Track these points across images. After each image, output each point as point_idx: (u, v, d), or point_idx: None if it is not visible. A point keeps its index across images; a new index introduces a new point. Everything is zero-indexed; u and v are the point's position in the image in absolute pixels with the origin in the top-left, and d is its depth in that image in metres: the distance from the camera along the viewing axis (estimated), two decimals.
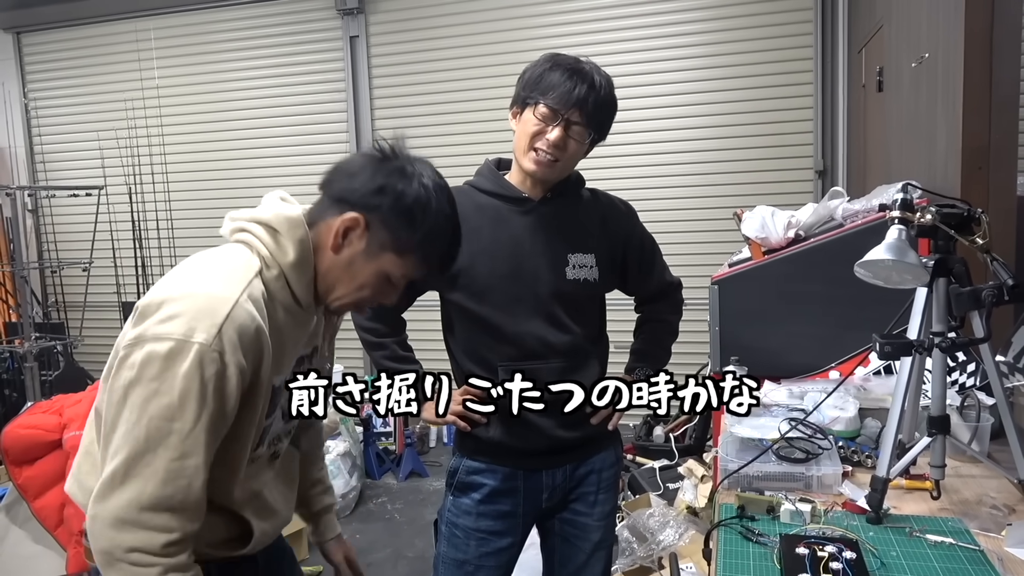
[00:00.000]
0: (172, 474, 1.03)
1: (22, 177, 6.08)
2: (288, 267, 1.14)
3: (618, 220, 1.69)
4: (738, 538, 1.36)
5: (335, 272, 1.18)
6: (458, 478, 1.67)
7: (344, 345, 5.49)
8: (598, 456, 1.69)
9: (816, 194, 4.46)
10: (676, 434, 4.10)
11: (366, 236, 1.15)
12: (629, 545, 2.74)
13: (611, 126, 1.59)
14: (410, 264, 1.19)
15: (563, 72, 1.50)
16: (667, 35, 4.75)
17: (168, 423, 1.02)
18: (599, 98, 1.51)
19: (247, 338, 1.06)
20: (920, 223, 1.36)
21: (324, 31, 5.38)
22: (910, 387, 1.46)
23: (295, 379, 1.24)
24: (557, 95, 1.49)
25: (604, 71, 1.56)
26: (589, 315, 1.66)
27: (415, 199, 1.16)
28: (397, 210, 1.15)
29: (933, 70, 2.50)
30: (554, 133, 1.50)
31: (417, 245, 1.17)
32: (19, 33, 6.01)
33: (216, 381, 1.03)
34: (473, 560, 1.64)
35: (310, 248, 1.16)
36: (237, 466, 1.17)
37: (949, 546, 1.29)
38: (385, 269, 1.18)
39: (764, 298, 2.43)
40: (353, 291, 1.20)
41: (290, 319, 1.18)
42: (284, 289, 1.15)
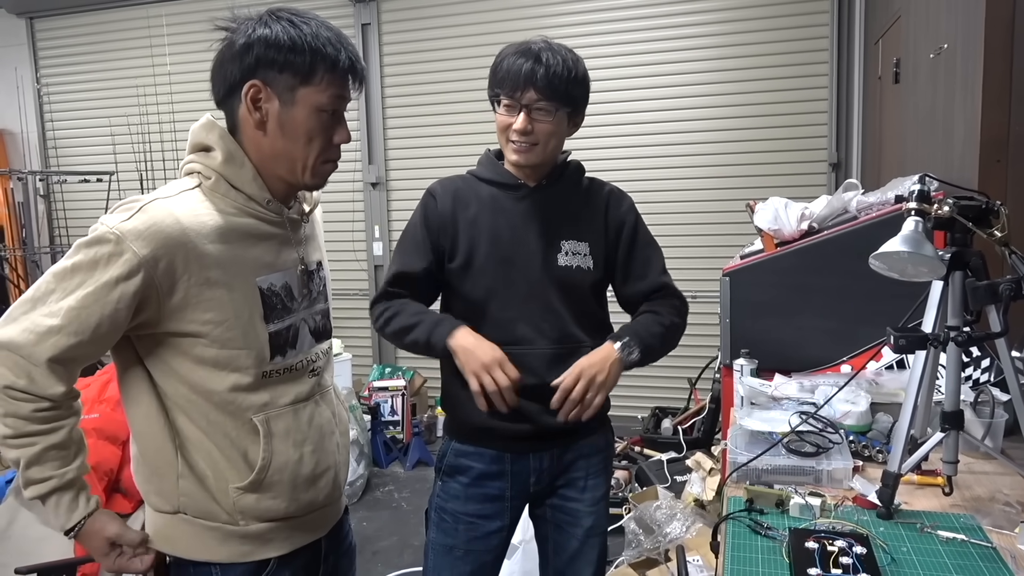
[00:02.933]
0: (34, 324, 1.10)
1: (34, 162, 6.11)
2: (221, 167, 1.20)
3: (616, 208, 1.67)
4: (746, 531, 1.35)
5: (277, 146, 1.21)
6: (446, 461, 1.68)
7: (353, 335, 5.51)
8: (585, 441, 1.68)
9: (830, 187, 4.42)
10: (684, 427, 4.10)
11: (270, 92, 1.18)
12: (636, 537, 2.73)
13: (583, 94, 1.58)
14: (324, 81, 1.19)
15: (510, 59, 1.53)
16: (682, 25, 4.71)
17: (56, 282, 1.12)
18: (551, 71, 1.50)
19: (161, 232, 1.11)
20: (937, 215, 1.34)
21: (336, 19, 5.33)
22: (924, 382, 1.44)
23: (307, 295, 1.32)
24: (509, 84, 1.52)
25: (560, 45, 1.55)
26: (583, 304, 1.63)
27: (280, 30, 1.17)
28: (275, 49, 1.16)
29: (952, 61, 2.46)
30: (518, 121, 1.53)
31: (313, 60, 1.17)
32: (32, 18, 6.02)
33: (107, 260, 1.10)
34: (462, 545, 1.64)
35: (233, 141, 1.21)
36: (223, 364, 1.19)
37: (961, 542, 1.28)
38: (310, 104, 1.19)
39: (776, 290, 2.41)
40: (304, 147, 1.21)
41: (253, 221, 1.23)
42: (230, 191, 1.21)
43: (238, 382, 1.21)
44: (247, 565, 1.26)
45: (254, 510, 1.24)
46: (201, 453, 1.22)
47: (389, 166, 5.42)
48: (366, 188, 5.45)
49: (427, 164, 5.20)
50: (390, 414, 4.61)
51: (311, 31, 1.17)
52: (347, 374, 4.63)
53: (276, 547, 1.28)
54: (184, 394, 1.21)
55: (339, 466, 1.37)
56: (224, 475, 1.22)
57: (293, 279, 1.29)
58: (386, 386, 4.65)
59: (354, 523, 1.62)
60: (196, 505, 1.23)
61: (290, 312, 1.28)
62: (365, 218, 5.50)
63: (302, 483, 1.28)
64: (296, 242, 1.31)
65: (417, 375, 5.15)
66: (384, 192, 5.45)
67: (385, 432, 4.50)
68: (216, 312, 1.17)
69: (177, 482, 1.23)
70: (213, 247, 1.16)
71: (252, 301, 1.21)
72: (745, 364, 2.27)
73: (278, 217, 1.27)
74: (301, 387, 1.30)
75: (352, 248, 5.54)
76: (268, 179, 1.24)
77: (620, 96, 4.76)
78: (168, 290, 1.14)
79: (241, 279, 1.20)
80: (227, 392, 1.21)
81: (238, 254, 1.20)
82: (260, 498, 1.24)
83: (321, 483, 1.32)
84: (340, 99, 1.22)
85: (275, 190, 1.26)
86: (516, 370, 1.48)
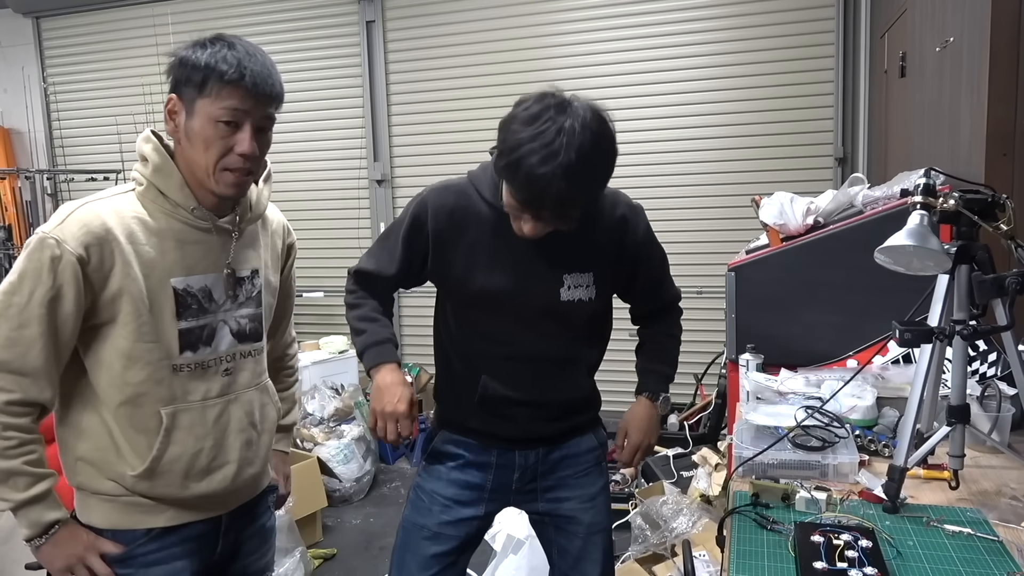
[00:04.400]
0: (10, 341, 1.23)
1: (41, 160, 6.13)
2: (151, 176, 1.32)
3: (633, 234, 1.58)
4: (752, 525, 1.35)
5: (188, 155, 1.31)
6: (433, 445, 1.69)
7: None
8: (573, 441, 1.67)
9: (836, 181, 4.40)
10: (691, 422, 4.09)
11: (181, 104, 1.29)
12: (642, 532, 2.74)
13: (607, 183, 1.47)
14: (214, 92, 1.26)
15: (525, 160, 1.29)
16: (687, 20, 4.69)
17: (9, 297, 1.24)
18: (573, 195, 1.32)
19: (89, 232, 1.24)
20: (943, 208, 1.34)
21: (341, 16, 5.37)
22: (930, 375, 1.44)
23: (232, 299, 1.41)
24: (522, 196, 1.35)
25: (583, 132, 1.30)
26: (580, 329, 1.61)
27: (190, 51, 1.28)
28: (182, 66, 1.28)
29: (958, 55, 2.45)
30: (527, 226, 1.41)
31: (206, 74, 1.26)
32: (38, 18, 6.04)
33: (51, 264, 1.22)
34: (432, 526, 1.63)
35: (164, 153, 1.33)
36: (136, 357, 1.30)
37: (967, 536, 1.28)
38: (205, 114, 1.27)
39: (782, 285, 2.41)
40: (203, 154, 1.29)
41: (179, 225, 1.33)
42: (159, 197, 1.32)
43: (151, 375, 1.32)
44: (135, 531, 1.37)
45: (149, 491, 1.35)
46: (99, 440, 1.34)
47: (394, 163, 5.43)
48: (371, 185, 5.46)
49: (432, 161, 5.20)
50: None
51: (213, 51, 1.27)
52: (353, 371, 4.64)
53: (165, 518, 1.38)
54: (104, 387, 1.32)
55: (244, 462, 1.44)
56: (118, 462, 1.34)
57: (217, 283, 1.39)
58: None
59: (360, 519, 1.64)
60: (90, 483, 1.36)
61: (207, 312, 1.38)
62: (370, 215, 5.51)
63: (196, 474, 1.38)
64: (225, 249, 1.39)
65: (423, 372, 5.15)
66: (389, 189, 5.45)
67: None
68: (132, 305, 1.29)
69: (75, 463, 1.36)
70: (133, 246, 1.28)
71: (165, 298, 1.32)
72: (751, 359, 2.27)
73: (206, 224, 1.36)
74: (212, 384, 1.39)
75: (357, 245, 5.55)
76: (197, 187, 1.34)
77: (625, 92, 4.75)
78: (101, 283, 1.27)
79: (157, 278, 1.31)
80: (141, 383, 1.32)
81: (157, 255, 1.31)
82: (153, 485, 1.35)
83: (217, 476, 1.41)
84: (235, 111, 1.28)
85: (204, 198, 1.35)
86: (410, 427, 1.49)
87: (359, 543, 3.42)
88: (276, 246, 1.54)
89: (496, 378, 1.58)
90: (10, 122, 6.23)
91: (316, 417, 3.96)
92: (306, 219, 5.59)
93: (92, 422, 1.34)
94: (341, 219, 5.55)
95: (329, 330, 5.06)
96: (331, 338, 4.66)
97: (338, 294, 5.65)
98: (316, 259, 5.62)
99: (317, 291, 5.37)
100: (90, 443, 1.34)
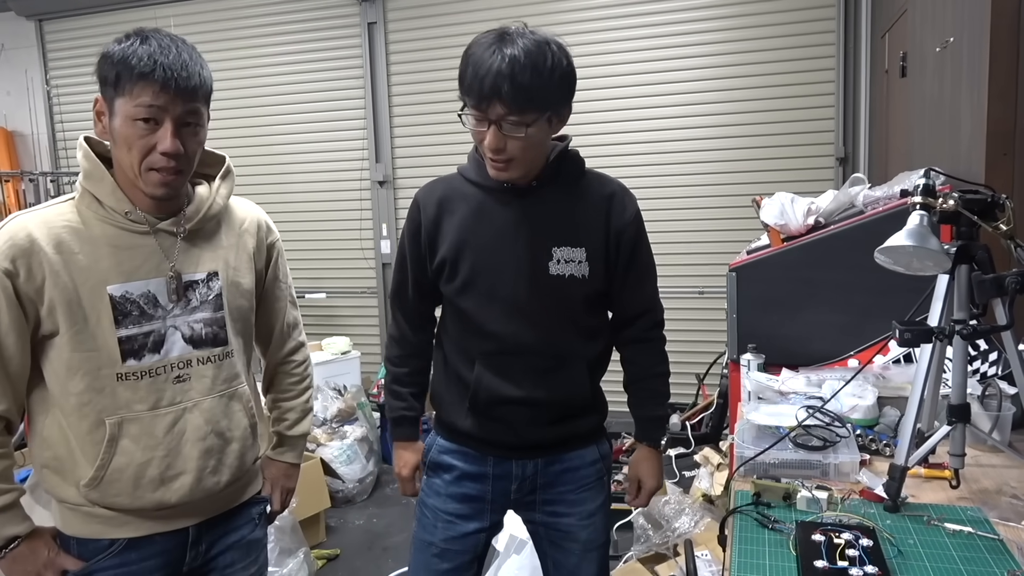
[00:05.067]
0: None
1: (44, 163, 6.15)
2: (84, 182, 1.31)
3: (620, 214, 1.53)
4: (754, 525, 1.36)
5: (116, 156, 1.29)
6: (431, 456, 1.67)
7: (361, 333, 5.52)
8: (575, 453, 1.62)
9: (837, 181, 4.41)
10: (692, 422, 4.10)
11: (103, 104, 1.27)
12: (644, 532, 2.74)
13: (563, 93, 1.40)
14: (130, 91, 1.23)
15: (473, 63, 1.34)
16: (688, 20, 4.70)
17: None
18: (517, 81, 1.30)
19: (14, 246, 1.23)
20: (942, 209, 1.34)
21: (342, 17, 5.38)
22: (930, 375, 1.44)
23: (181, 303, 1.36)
24: (474, 93, 1.34)
25: (536, 38, 1.34)
26: (576, 313, 1.55)
27: (111, 47, 1.27)
28: (101, 64, 1.26)
29: (958, 55, 2.46)
30: (488, 137, 1.37)
31: (120, 71, 1.23)
32: (41, 20, 6.06)
33: None
34: (439, 543, 1.62)
35: (95, 159, 1.31)
36: (76, 367, 1.28)
37: (968, 535, 1.28)
38: (123, 113, 1.24)
39: (783, 286, 2.42)
40: (127, 155, 1.26)
41: (116, 231, 1.30)
42: (93, 203, 1.30)
43: (91, 384, 1.29)
44: (99, 542, 1.35)
45: (101, 500, 1.33)
46: (58, 449, 1.33)
47: (396, 164, 5.44)
48: (373, 186, 5.47)
49: (434, 162, 5.20)
50: None
51: (128, 45, 1.24)
52: (355, 371, 4.65)
53: (128, 530, 1.36)
54: (56, 395, 1.31)
55: (205, 471, 1.38)
56: (75, 470, 1.32)
57: (160, 287, 1.33)
58: None
59: (364, 519, 1.65)
60: (54, 490, 1.35)
61: (152, 319, 1.33)
62: (372, 216, 5.52)
63: (147, 484, 1.33)
64: (169, 252, 1.35)
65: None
66: (391, 190, 5.46)
67: None
68: (67, 315, 1.26)
69: (40, 470, 1.36)
70: (62, 256, 1.26)
71: (102, 307, 1.28)
72: (752, 359, 2.28)
73: (143, 227, 1.32)
74: (162, 393, 1.34)
75: (360, 247, 5.56)
76: (132, 190, 1.31)
77: (625, 92, 4.77)
78: (37, 294, 1.25)
79: (91, 285, 1.27)
80: (83, 393, 1.29)
81: (91, 262, 1.28)
82: (103, 494, 1.32)
83: (174, 485, 1.35)
84: (152, 108, 1.23)
85: (141, 201, 1.32)
86: (411, 487, 1.76)
87: (362, 543, 3.43)
88: (247, 246, 1.47)
89: (489, 369, 1.54)
90: (13, 125, 6.25)
91: (319, 418, 3.97)
92: (308, 220, 5.61)
93: (52, 430, 1.33)
94: (343, 220, 5.56)
95: (332, 331, 5.07)
96: (334, 339, 4.67)
97: (340, 295, 5.69)
98: (318, 260, 5.64)
99: (319, 292, 5.39)
100: (51, 451, 1.33)
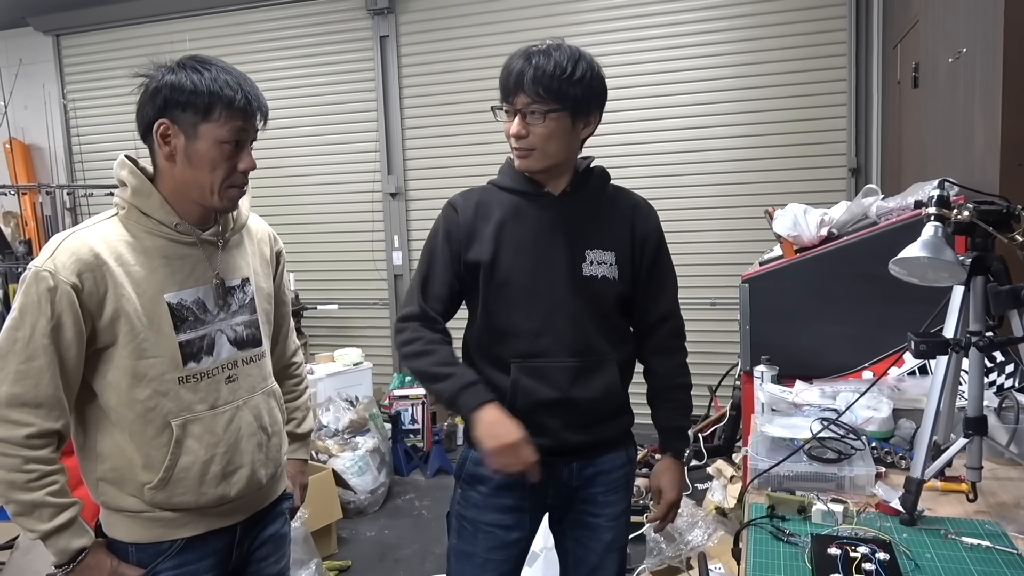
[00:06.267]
0: (21, 375, 1.27)
1: (61, 176, 6.23)
2: (132, 197, 1.36)
3: (644, 222, 1.64)
4: (768, 538, 1.35)
5: (186, 175, 1.36)
6: (466, 470, 1.68)
7: (373, 344, 5.54)
8: (607, 456, 1.66)
9: (850, 192, 4.40)
10: (705, 434, 4.08)
11: (177, 128, 1.33)
12: (657, 545, 2.72)
13: (585, 94, 1.51)
14: (222, 117, 1.32)
15: (506, 66, 1.53)
16: (700, 31, 4.72)
17: (14, 332, 1.28)
18: (539, 72, 1.47)
19: (80, 260, 1.29)
20: (957, 220, 1.34)
21: (355, 31, 5.43)
22: (946, 387, 1.43)
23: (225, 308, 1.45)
24: (504, 89, 1.53)
25: (565, 46, 1.51)
26: (608, 315, 1.61)
27: (184, 76, 1.32)
28: (179, 91, 1.31)
29: (971, 65, 2.45)
30: (512, 126, 1.52)
31: (209, 99, 1.31)
32: (58, 36, 6.15)
33: (49, 295, 1.27)
34: (481, 553, 1.64)
35: (140, 175, 1.37)
36: (141, 374, 1.34)
37: (986, 549, 1.27)
38: (211, 137, 1.33)
39: (796, 297, 2.41)
40: (209, 174, 1.35)
41: (165, 242, 1.38)
42: (141, 217, 1.37)
43: (157, 389, 1.36)
44: (159, 545, 1.41)
45: (166, 503, 1.39)
46: (116, 460, 1.38)
47: (408, 176, 5.46)
48: (385, 198, 5.50)
49: (446, 174, 5.23)
50: (410, 422, 4.63)
51: (211, 76, 1.32)
52: (367, 383, 4.66)
53: (187, 530, 1.43)
54: (115, 407, 1.36)
55: (257, 464, 1.48)
56: (136, 478, 1.37)
57: (208, 294, 1.43)
58: (406, 394, 4.67)
59: (375, 531, 1.65)
60: (113, 501, 1.40)
61: (204, 323, 1.42)
62: (384, 228, 5.54)
63: (211, 479, 1.41)
64: (212, 260, 1.44)
65: None
66: (403, 202, 5.49)
67: (406, 440, 4.52)
68: (130, 324, 1.33)
69: (97, 483, 1.40)
70: (123, 267, 1.33)
71: (161, 314, 1.36)
72: (765, 371, 2.26)
73: (190, 238, 1.41)
74: (218, 393, 1.43)
75: (372, 258, 5.58)
76: (182, 204, 1.39)
77: (639, 103, 4.78)
78: (97, 308, 1.31)
79: (150, 295, 1.35)
80: (149, 399, 1.35)
81: (147, 273, 1.35)
82: (171, 495, 1.38)
83: (233, 479, 1.44)
84: (240, 131, 1.35)
85: (189, 214, 1.40)
86: (533, 453, 1.46)
87: (374, 555, 3.42)
88: (264, 254, 1.59)
89: (525, 373, 1.57)
90: (31, 138, 6.34)
91: (331, 429, 3.98)
92: (321, 232, 5.64)
93: (107, 444, 1.38)
94: (356, 232, 5.59)
95: (344, 342, 5.09)
96: (346, 350, 4.68)
97: (352, 306, 5.71)
98: (331, 272, 5.67)
99: (332, 304, 5.41)
100: (108, 464, 1.38)
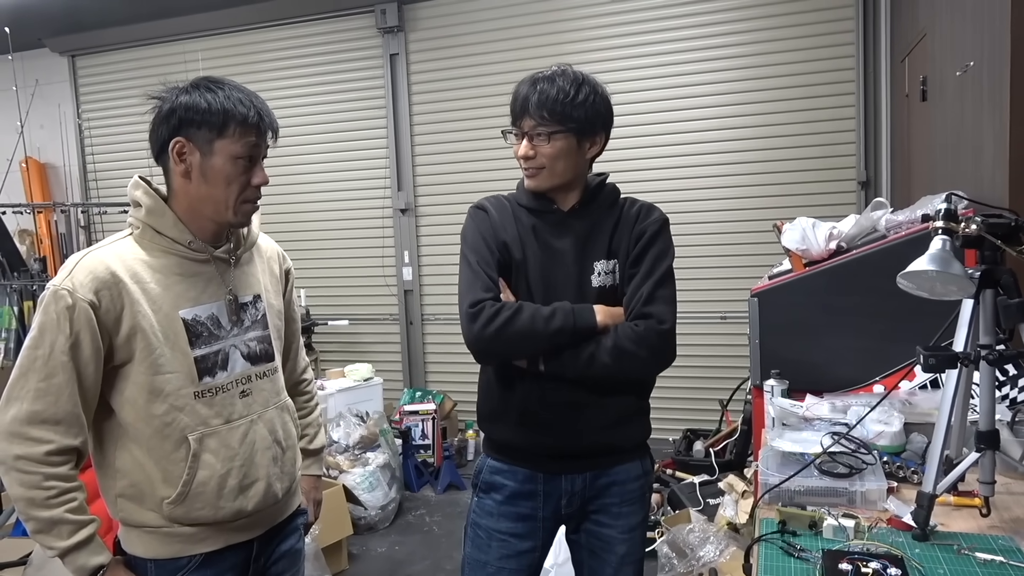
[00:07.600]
0: (41, 392, 1.29)
1: (75, 194, 6.30)
2: (146, 217, 1.40)
3: (643, 221, 1.66)
4: (779, 553, 1.34)
5: (201, 191, 1.39)
6: (482, 477, 1.71)
7: (384, 359, 5.55)
8: (621, 467, 1.67)
9: (859, 205, 4.39)
10: (716, 449, 4.06)
11: (193, 146, 1.36)
12: (669, 561, 2.71)
13: (588, 115, 1.56)
14: (236, 133, 1.36)
15: (515, 92, 1.61)
16: (708, 47, 4.73)
17: (33, 351, 1.30)
18: (543, 96, 1.54)
19: (97, 279, 1.31)
20: (964, 233, 1.34)
21: (365, 49, 5.49)
22: (957, 401, 1.43)
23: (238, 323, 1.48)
24: (513, 113, 1.62)
25: (570, 72, 1.58)
26: None
27: (197, 96, 1.36)
28: (193, 111, 1.35)
29: (978, 78, 2.45)
30: (520, 147, 1.60)
31: (224, 116, 1.35)
32: (74, 56, 6.24)
33: (67, 313, 1.29)
34: (494, 562, 1.66)
35: (153, 195, 1.41)
36: (158, 390, 1.37)
37: (999, 564, 1.26)
38: (226, 153, 1.37)
39: (805, 311, 2.40)
40: (224, 190, 1.38)
41: (179, 260, 1.41)
42: (156, 236, 1.40)
43: (173, 404, 1.38)
44: (177, 560, 1.43)
45: (185, 518, 1.41)
46: (134, 476, 1.40)
47: (418, 192, 5.50)
48: (395, 214, 5.53)
49: (456, 190, 5.26)
50: (421, 438, 4.64)
51: (224, 94, 1.36)
52: (378, 398, 4.67)
53: (206, 545, 1.44)
54: (132, 422, 1.38)
55: (273, 477, 1.50)
56: (155, 493, 1.39)
57: (221, 310, 1.46)
58: (417, 410, 4.68)
59: (386, 547, 1.66)
60: (132, 516, 1.42)
61: (218, 339, 1.44)
62: (395, 244, 5.57)
63: (228, 493, 1.43)
64: (225, 277, 1.47)
65: (447, 399, 5.17)
66: (413, 218, 5.52)
67: (416, 456, 4.52)
68: (146, 341, 1.35)
69: (115, 500, 1.42)
70: (139, 285, 1.36)
71: (177, 330, 1.39)
72: (775, 385, 2.26)
73: (203, 255, 1.44)
74: (233, 407, 1.45)
75: (382, 274, 5.61)
76: (196, 222, 1.42)
77: (648, 118, 4.79)
78: (115, 324, 1.34)
79: (166, 312, 1.38)
80: (166, 414, 1.37)
81: (163, 290, 1.38)
82: (189, 509, 1.40)
83: (250, 493, 1.46)
84: (253, 147, 1.39)
85: (202, 231, 1.43)
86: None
87: (384, 571, 3.42)
88: (274, 271, 1.62)
89: (546, 379, 1.58)
90: (47, 157, 6.42)
91: (341, 445, 3.99)
92: (331, 248, 5.67)
93: (125, 460, 1.40)
94: (366, 247, 5.62)
95: (354, 358, 5.10)
96: (356, 366, 4.70)
97: (363, 321, 5.73)
98: (342, 287, 5.69)
99: (342, 319, 5.43)
100: (126, 480, 1.40)
